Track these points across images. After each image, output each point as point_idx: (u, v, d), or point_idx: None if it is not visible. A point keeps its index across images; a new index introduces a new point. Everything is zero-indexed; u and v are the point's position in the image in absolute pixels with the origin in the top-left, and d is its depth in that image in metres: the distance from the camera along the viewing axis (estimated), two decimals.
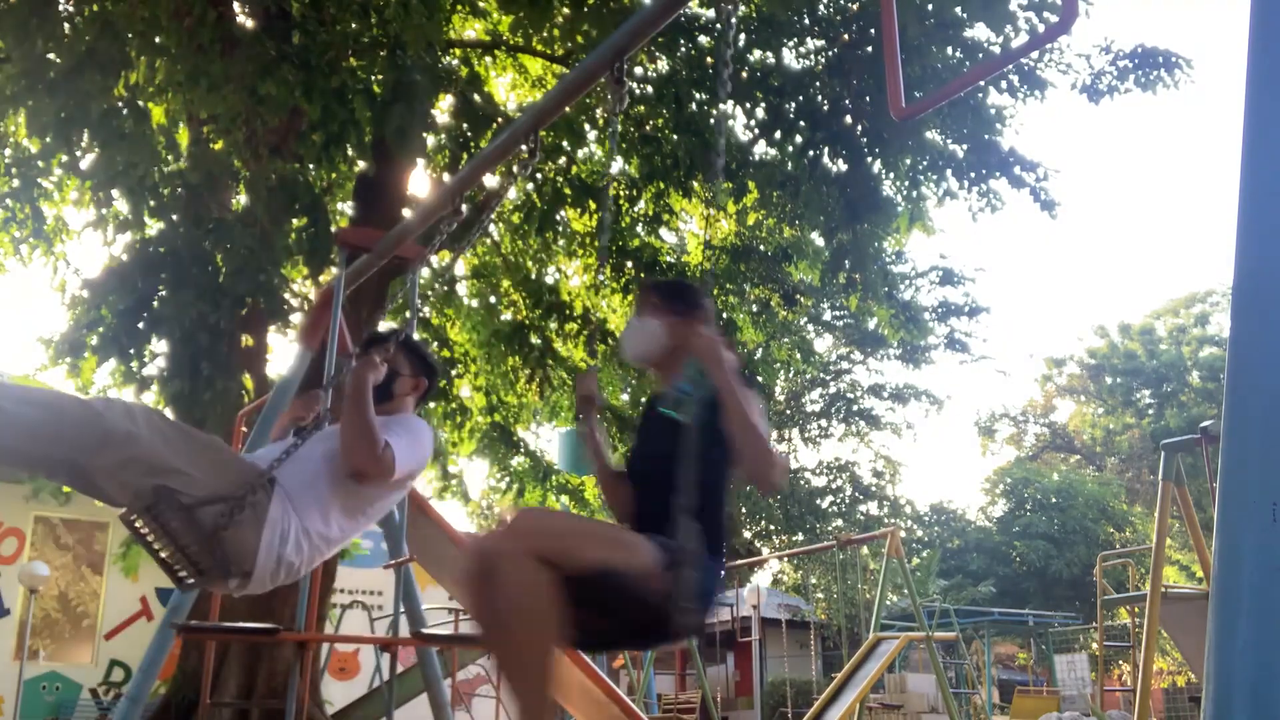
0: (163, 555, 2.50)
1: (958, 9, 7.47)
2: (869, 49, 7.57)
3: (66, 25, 6.30)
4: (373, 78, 6.95)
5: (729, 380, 2.31)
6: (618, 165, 9.60)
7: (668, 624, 2.21)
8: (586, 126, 8.55)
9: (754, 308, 10.06)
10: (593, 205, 9.07)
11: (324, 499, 2.72)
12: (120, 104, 6.63)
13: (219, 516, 2.45)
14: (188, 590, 2.82)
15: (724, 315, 9.56)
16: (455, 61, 8.65)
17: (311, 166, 7.07)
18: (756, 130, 8.22)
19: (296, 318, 7.77)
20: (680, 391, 2.46)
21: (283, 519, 2.58)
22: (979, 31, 7.79)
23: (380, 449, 2.71)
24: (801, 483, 26.55)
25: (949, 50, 7.60)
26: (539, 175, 8.64)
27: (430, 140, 8.01)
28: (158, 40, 6.34)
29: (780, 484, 2.44)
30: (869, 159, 7.96)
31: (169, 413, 7.79)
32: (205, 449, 2.59)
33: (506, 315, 9.99)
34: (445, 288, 10.18)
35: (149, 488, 2.42)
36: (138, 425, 2.43)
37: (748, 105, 8.07)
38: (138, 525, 2.46)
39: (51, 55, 6.22)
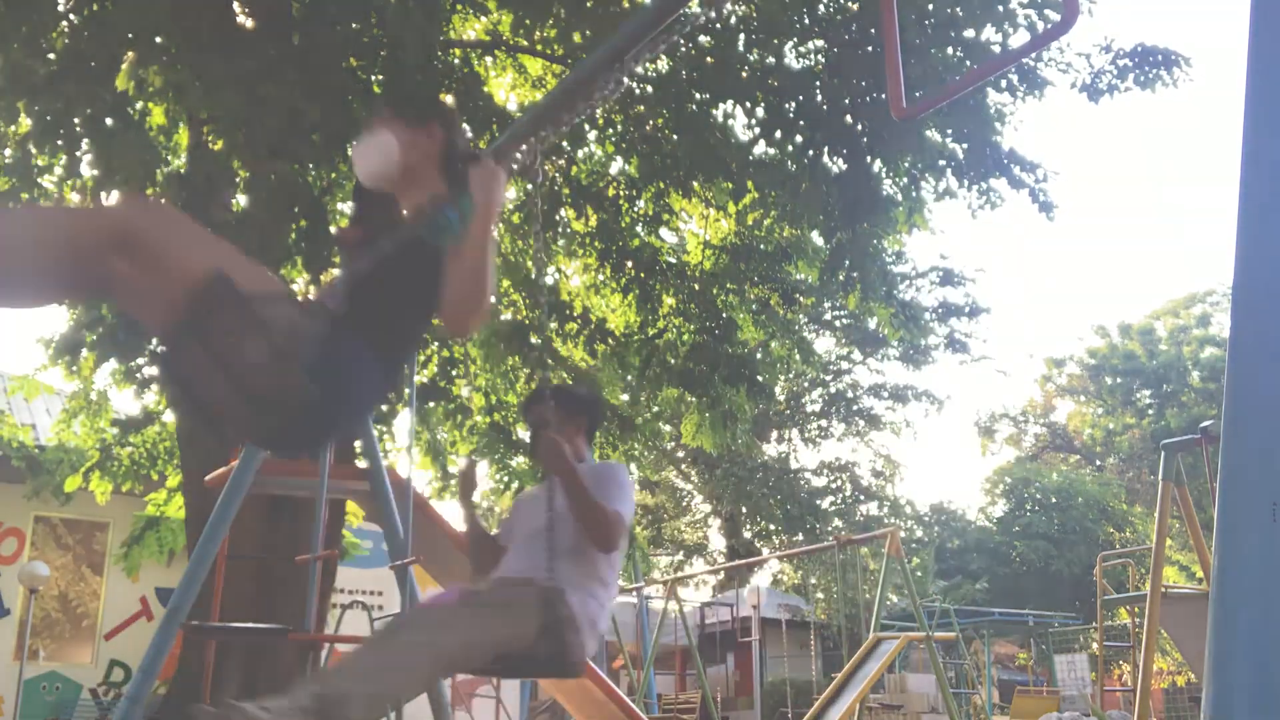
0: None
1: (957, 8, 7.47)
2: (869, 49, 7.57)
3: (63, 24, 6.29)
4: (373, 78, 6.95)
5: (488, 222, 2.17)
6: (617, 166, 9.61)
7: (271, 381, 1.89)
8: (586, 127, 8.55)
9: (754, 307, 10.05)
10: (590, 210, 9.08)
11: (595, 571, 2.93)
12: (109, 108, 6.62)
13: (549, 645, 2.62)
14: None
15: (724, 315, 9.56)
16: (455, 61, 8.64)
17: (311, 167, 7.07)
18: (757, 130, 8.22)
19: None
20: (446, 217, 2.20)
21: (583, 607, 2.78)
22: (979, 31, 7.78)
23: (612, 522, 2.89)
24: (801, 483, 26.55)
25: (949, 50, 7.60)
26: (539, 175, 8.63)
27: None
28: (158, 40, 6.34)
29: (472, 331, 2.27)
30: (869, 159, 7.96)
31: (166, 416, 7.80)
32: (502, 608, 2.64)
33: (506, 315, 9.98)
34: None
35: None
36: (455, 638, 2.50)
37: (748, 105, 8.07)
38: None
39: (33, 61, 6.20)
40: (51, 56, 6.24)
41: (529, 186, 8.67)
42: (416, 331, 2.39)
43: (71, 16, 6.37)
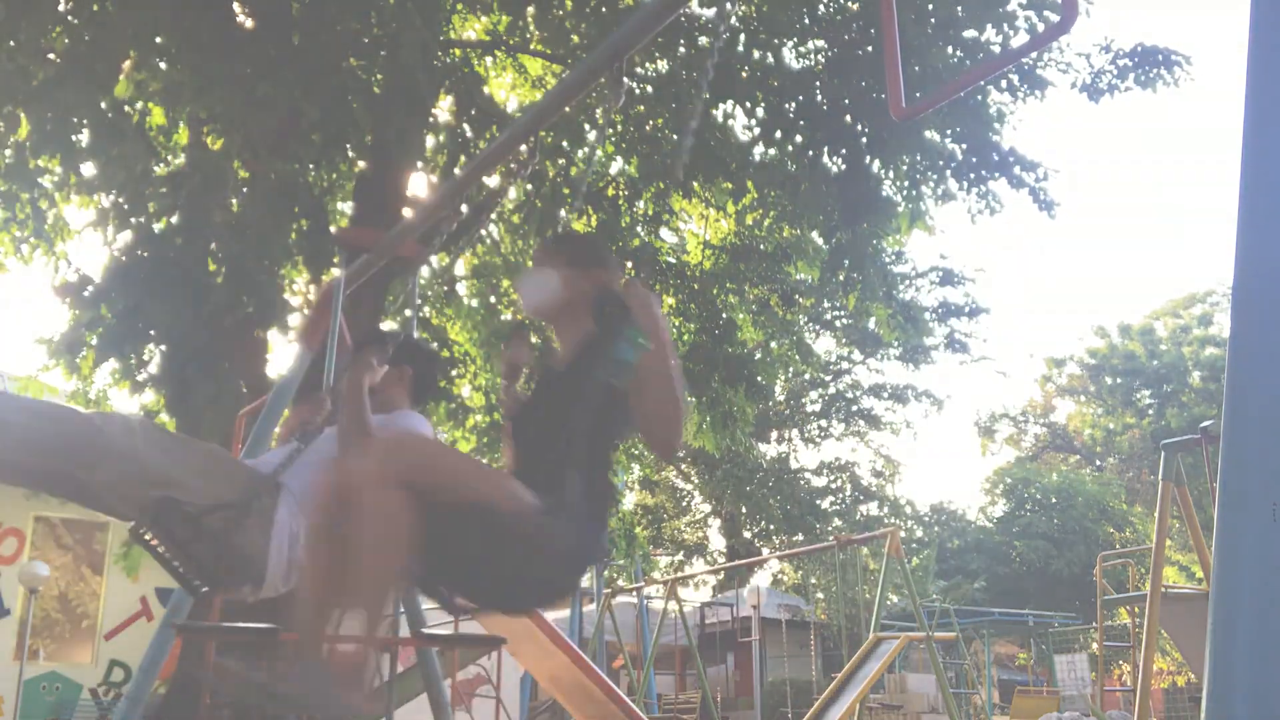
0: (175, 565, 2.50)
1: (957, 8, 7.47)
2: (869, 49, 7.57)
3: (62, 26, 6.29)
4: (373, 78, 6.95)
5: (667, 343, 2.23)
6: (617, 166, 9.60)
7: (532, 575, 2.16)
8: (586, 126, 8.55)
9: (754, 307, 10.06)
10: (590, 210, 9.07)
11: None
12: (108, 112, 6.61)
13: (225, 523, 2.45)
14: (200, 597, 2.83)
15: (724, 315, 9.56)
16: (455, 61, 8.64)
17: (311, 167, 7.07)
18: (757, 130, 8.22)
19: (295, 318, 7.78)
20: (619, 355, 2.25)
21: (290, 521, 2.57)
22: (980, 32, 7.79)
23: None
24: (801, 483, 26.55)
25: (949, 50, 7.60)
26: (541, 173, 8.64)
27: (430, 141, 8.01)
28: (158, 41, 6.34)
29: (678, 450, 2.40)
30: (868, 159, 7.96)
31: (165, 416, 7.80)
32: (206, 458, 2.59)
33: (506, 315, 9.99)
34: (445, 288, 10.19)
35: (153, 499, 2.42)
36: (136, 438, 2.43)
37: (748, 105, 8.07)
38: (146, 537, 2.46)
39: (32, 65, 6.20)
40: (52, 57, 6.23)
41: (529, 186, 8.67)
42: (610, 467, 2.47)
43: (71, 18, 6.37)
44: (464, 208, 3.57)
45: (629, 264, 9.34)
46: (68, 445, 2.36)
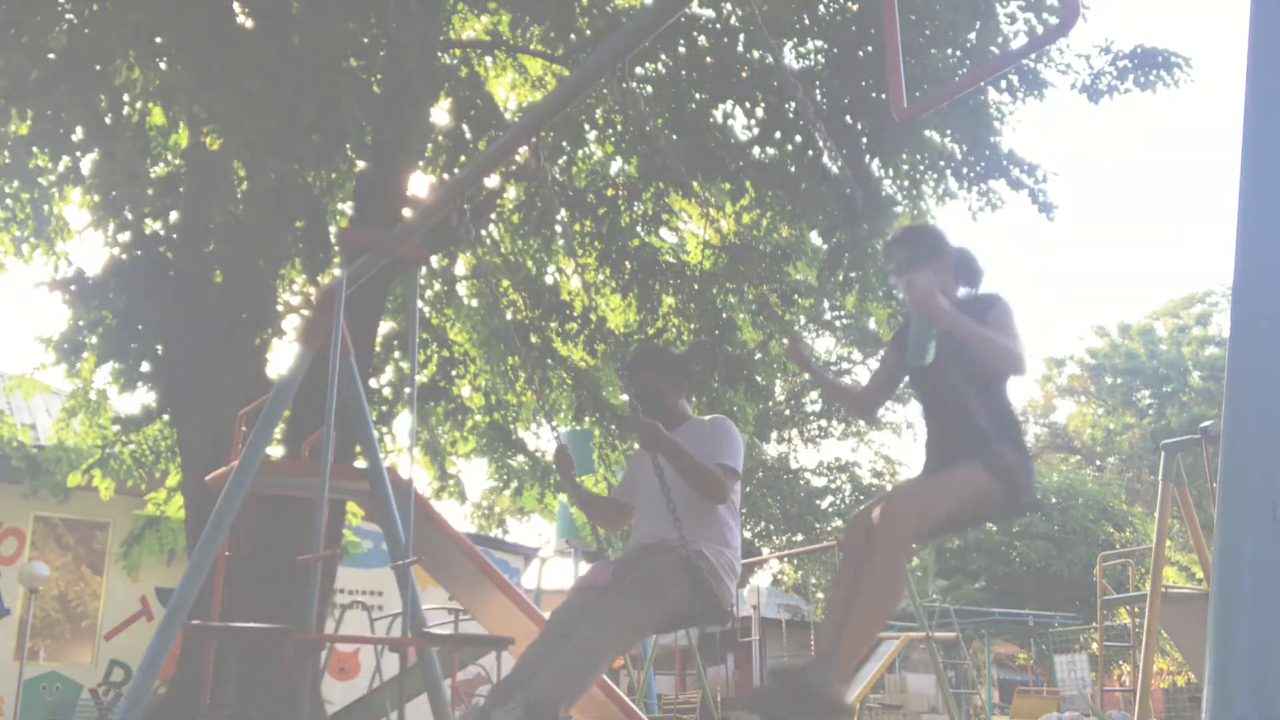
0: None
1: (956, 10, 7.47)
2: (869, 49, 7.57)
3: (61, 25, 6.27)
4: (373, 78, 6.95)
5: (947, 318, 2.78)
6: (617, 166, 9.60)
7: (1015, 512, 2.89)
8: (586, 126, 8.56)
9: (753, 307, 10.05)
10: (589, 223, 9.08)
11: (717, 524, 3.22)
12: (105, 110, 6.60)
13: (704, 605, 3.01)
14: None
15: (724, 315, 9.56)
16: (455, 61, 8.64)
17: (311, 168, 7.07)
18: (756, 129, 8.22)
19: (294, 319, 7.77)
20: (918, 346, 2.92)
21: (716, 561, 3.08)
22: (981, 33, 7.79)
23: (717, 477, 3.20)
24: (801, 482, 26.54)
25: (948, 52, 7.60)
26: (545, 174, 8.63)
27: (430, 142, 8.01)
28: (158, 40, 6.34)
29: (1020, 369, 2.89)
30: (868, 159, 7.96)
31: (163, 414, 7.80)
32: (648, 592, 3.02)
33: (506, 315, 9.99)
34: (445, 287, 10.19)
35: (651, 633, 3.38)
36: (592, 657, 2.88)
37: (748, 105, 8.07)
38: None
39: (30, 63, 6.18)
40: (51, 57, 6.22)
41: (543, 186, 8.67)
42: (998, 403, 3.07)
43: (70, 16, 6.36)
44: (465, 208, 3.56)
45: (627, 264, 9.34)
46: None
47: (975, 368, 2.83)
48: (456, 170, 7.90)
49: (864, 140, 7.83)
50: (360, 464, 5.63)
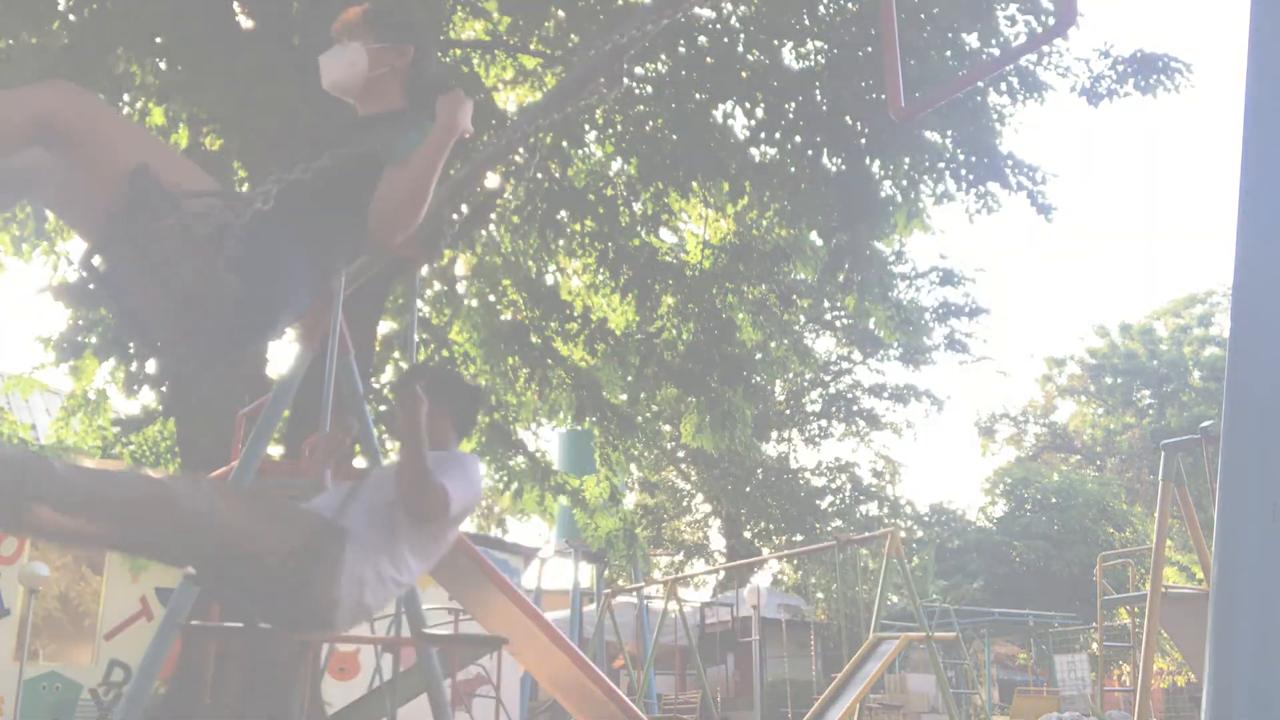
0: (246, 610, 2.53)
1: (956, 11, 7.47)
2: (868, 49, 7.57)
3: (59, 24, 6.28)
4: None
5: (444, 144, 2.24)
6: (617, 166, 9.59)
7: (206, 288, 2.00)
8: (585, 126, 8.55)
9: (753, 308, 10.06)
10: (590, 223, 9.07)
11: (393, 543, 2.73)
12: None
13: (295, 571, 2.45)
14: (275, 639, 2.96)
15: (723, 315, 9.56)
16: (455, 61, 8.64)
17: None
18: (755, 129, 8.22)
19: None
20: (405, 134, 2.28)
21: (358, 566, 2.57)
22: (976, 38, 7.80)
23: (435, 488, 2.69)
24: (801, 482, 26.54)
25: (947, 54, 7.61)
26: (539, 175, 8.64)
27: None
28: (157, 40, 6.34)
29: (391, 242, 2.33)
30: (868, 159, 7.96)
31: (163, 414, 7.81)
32: (272, 508, 2.59)
33: (506, 315, 9.99)
34: (445, 287, 10.19)
35: (227, 556, 2.44)
36: (202, 494, 2.42)
37: (747, 105, 8.07)
38: (221, 589, 2.50)
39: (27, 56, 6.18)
40: (50, 53, 6.23)
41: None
42: (344, 234, 2.38)
43: (70, 15, 6.37)
44: (463, 207, 3.58)
45: (625, 266, 9.34)
46: (143, 508, 2.32)
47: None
48: (453, 172, 7.89)
49: (863, 140, 7.84)
50: (360, 463, 5.63)
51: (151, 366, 7.34)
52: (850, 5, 7.99)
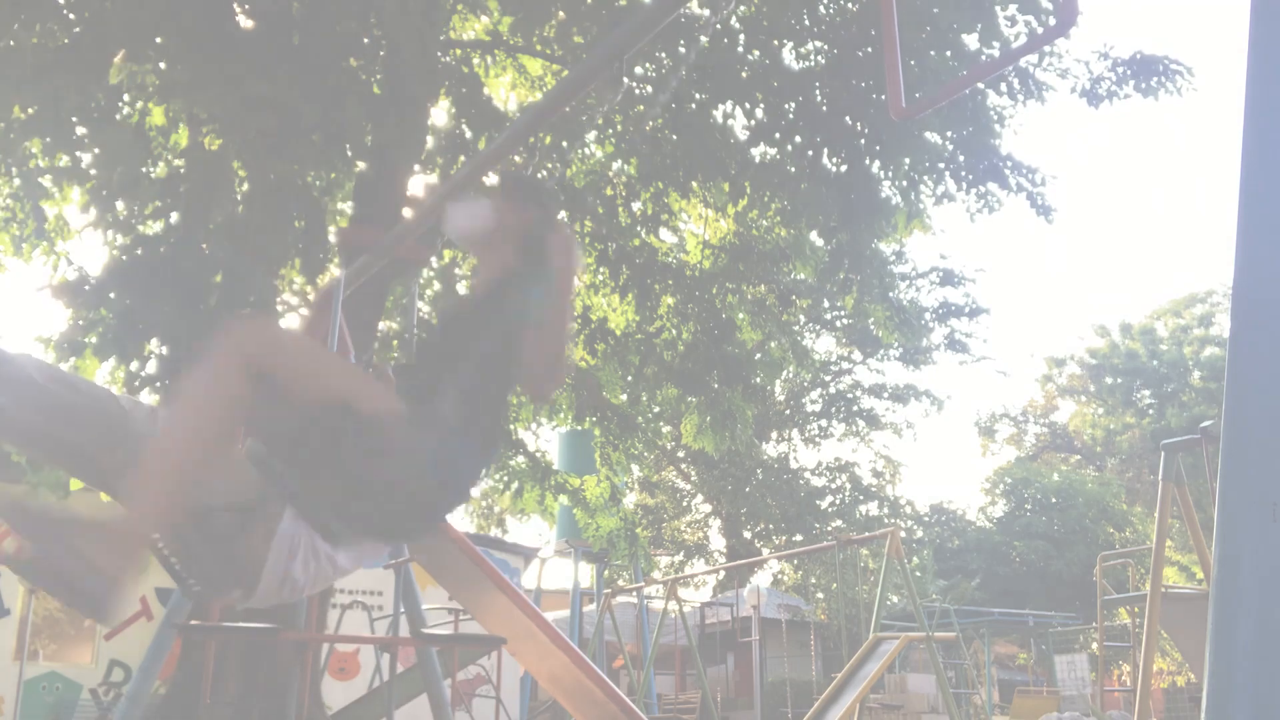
0: (171, 560, 2.46)
1: (956, 11, 7.48)
2: (869, 49, 7.58)
3: (54, 25, 6.27)
4: (372, 78, 6.95)
5: (568, 291, 2.26)
6: (617, 166, 9.60)
7: (395, 495, 2.09)
8: (584, 121, 8.53)
9: (753, 308, 10.06)
10: (590, 224, 9.07)
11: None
12: (101, 104, 6.59)
13: (230, 526, 2.34)
14: (193, 599, 2.81)
15: (723, 315, 9.55)
16: (454, 61, 8.64)
17: (311, 168, 7.07)
18: (755, 129, 8.22)
19: (293, 319, 7.77)
20: (526, 290, 2.30)
21: (293, 534, 2.41)
22: (976, 38, 7.80)
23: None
24: (801, 483, 26.54)
25: (947, 54, 7.61)
26: (539, 175, 8.64)
27: (430, 142, 8.01)
28: (157, 40, 6.34)
29: (549, 398, 2.40)
30: (867, 160, 7.96)
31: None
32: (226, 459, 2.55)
33: None
34: (445, 288, 10.18)
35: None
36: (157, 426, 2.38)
37: (747, 105, 8.07)
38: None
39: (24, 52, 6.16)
40: (49, 50, 6.22)
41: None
42: (505, 406, 2.50)
43: (69, 14, 6.37)
44: None
45: (624, 267, 9.34)
46: (92, 419, 2.26)
47: (501, 350, 2.31)
48: (453, 172, 7.90)
49: (862, 141, 7.84)
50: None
51: (152, 366, 7.34)
52: (850, 5, 7.99)
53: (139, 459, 2.26)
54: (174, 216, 7.23)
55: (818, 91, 7.93)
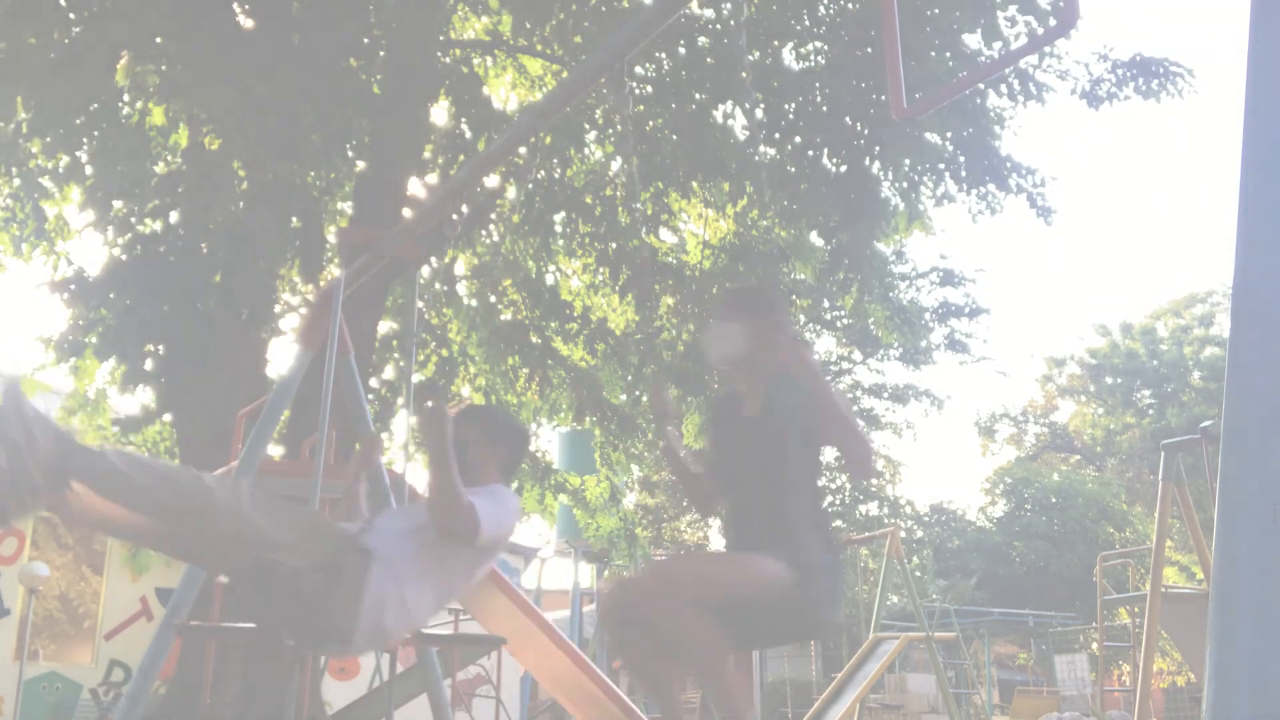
0: (266, 621, 2.61)
1: (956, 12, 7.47)
2: (869, 50, 7.57)
3: (61, 25, 6.27)
4: (373, 78, 6.95)
5: (825, 385, 2.56)
6: (617, 165, 9.59)
7: (807, 623, 2.66)
8: (585, 126, 8.54)
9: None
10: (588, 227, 9.07)
11: (420, 569, 2.76)
12: (105, 105, 6.60)
13: (319, 586, 2.51)
14: (292, 653, 3.09)
15: None
16: (454, 61, 8.64)
17: (311, 168, 7.07)
18: (755, 130, 8.22)
19: (294, 319, 7.77)
20: (782, 402, 2.64)
21: (381, 587, 2.61)
22: (977, 39, 7.80)
23: (464, 505, 2.71)
24: None
25: (947, 55, 7.61)
26: (540, 175, 8.65)
27: (430, 142, 8.01)
28: (158, 40, 6.34)
29: (875, 468, 2.78)
30: (867, 160, 7.96)
31: (163, 414, 7.80)
32: (304, 520, 2.67)
33: (506, 315, 9.98)
34: (445, 287, 10.18)
35: (251, 559, 2.49)
36: (242, 500, 2.47)
37: (747, 105, 8.07)
38: (242, 594, 2.58)
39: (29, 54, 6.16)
40: (52, 57, 6.22)
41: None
42: (818, 499, 2.83)
43: (70, 14, 6.37)
44: (464, 208, 3.58)
45: (623, 268, 9.34)
46: (183, 506, 2.41)
47: (802, 451, 2.64)
48: (453, 172, 7.91)
49: (863, 141, 7.83)
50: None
51: (150, 365, 7.34)
52: (850, 5, 7.98)
53: (232, 535, 2.48)
54: (174, 216, 7.23)
55: (818, 92, 7.93)
